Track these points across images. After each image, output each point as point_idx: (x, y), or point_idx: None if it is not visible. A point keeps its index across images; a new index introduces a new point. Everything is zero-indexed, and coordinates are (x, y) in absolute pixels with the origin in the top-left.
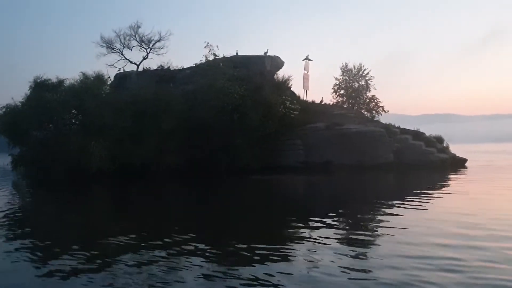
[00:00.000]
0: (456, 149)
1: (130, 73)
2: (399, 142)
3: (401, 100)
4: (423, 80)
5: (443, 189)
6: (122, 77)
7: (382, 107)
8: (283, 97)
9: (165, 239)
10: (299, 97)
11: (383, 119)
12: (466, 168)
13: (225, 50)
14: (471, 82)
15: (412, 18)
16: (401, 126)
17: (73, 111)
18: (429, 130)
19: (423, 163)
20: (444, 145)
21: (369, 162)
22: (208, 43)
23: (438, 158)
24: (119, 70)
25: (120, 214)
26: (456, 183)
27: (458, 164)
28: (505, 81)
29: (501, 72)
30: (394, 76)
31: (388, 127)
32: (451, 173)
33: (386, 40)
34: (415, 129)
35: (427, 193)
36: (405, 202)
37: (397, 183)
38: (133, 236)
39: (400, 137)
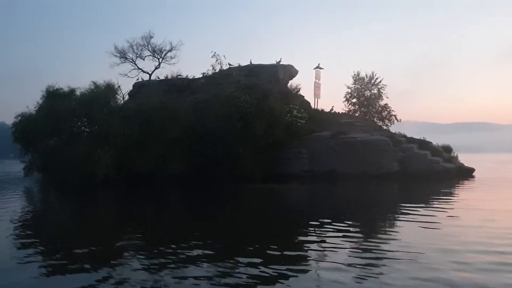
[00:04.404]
0: (485, 159)
1: (148, 82)
2: (404, 151)
3: (433, 108)
4: (457, 87)
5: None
6: (140, 86)
7: (395, 115)
8: (291, 105)
9: (172, 245)
10: (310, 105)
11: (411, 127)
12: (474, 178)
13: (240, 59)
14: (507, 89)
15: (446, 23)
16: (432, 135)
17: (83, 119)
18: (460, 139)
19: (427, 172)
20: (452, 155)
21: (373, 171)
22: (215, 52)
23: (443, 167)
24: (137, 80)
25: (126, 220)
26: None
27: (465, 173)
28: None
29: None
30: (427, 84)
31: (393, 136)
32: (454, 183)
33: (418, 46)
34: (422, 138)
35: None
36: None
37: (391, 194)
38: (139, 241)
39: (405, 146)
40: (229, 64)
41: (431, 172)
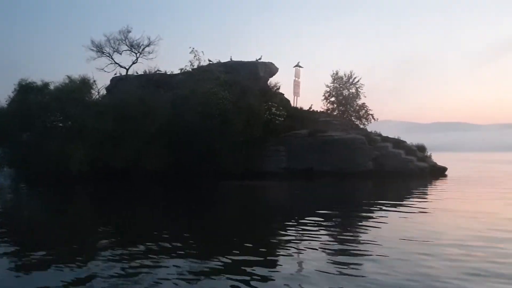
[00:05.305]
0: (464, 158)
1: (126, 76)
2: (379, 150)
3: (413, 108)
4: (436, 88)
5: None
6: (117, 81)
7: (372, 115)
8: (270, 103)
9: (144, 242)
10: (289, 103)
11: (390, 126)
12: (446, 177)
13: (220, 56)
14: (485, 91)
15: (426, 25)
16: (414, 134)
17: (56, 114)
18: (439, 138)
19: (401, 171)
20: (426, 154)
21: (349, 169)
22: (193, 48)
23: (417, 166)
24: (115, 74)
25: (98, 216)
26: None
27: (438, 173)
28: None
29: None
30: (407, 84)
31: (369, 135)
32: (427, 182)
33: (399, 47)
34: (396, 137)
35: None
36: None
37: (364, 192)
38: (110, 237)
39: (380, 145)
40: (209, 60)
41: (405, 170)
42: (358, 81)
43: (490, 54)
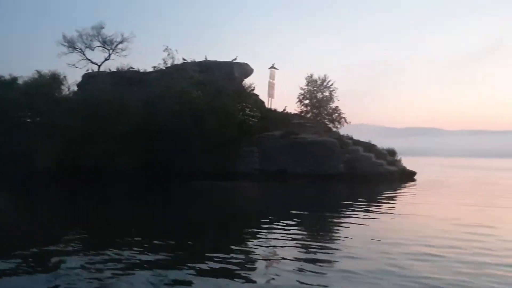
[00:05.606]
0: (434, 162)
1: (98, 73)
2: (350, 153)
3: (387, 112)
4: (410, 93)
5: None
6: (89, 77)
7: (344, 118)
8: (244, 104)
9: (113, 243)
10: (264, 104)
11: (364, 130)
12: (415, 181)
13: (195, 55)
14: (456, 98)
15: (401, 32)
16: (384, 138)
17: (25, 109)
18: (411, 143)
19: (372, 174)
20: (396, 158)
21: (321, 172)
22: (167, 46)
23: (387, 170)
24: (87, 71)
25: (65, 215)
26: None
27: (407, 177)
28: (489, 98)
29: (485, 89)
30: (382, 88)
31: (341, 138)
32: (396, 186)
33: (374, 52)
34: (368, 141)
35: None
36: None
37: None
38: (77, 237)
39: (352, 148)
40: (183, 59)
41: (375, 174)
42: (332, 84)
43: (463, 61)
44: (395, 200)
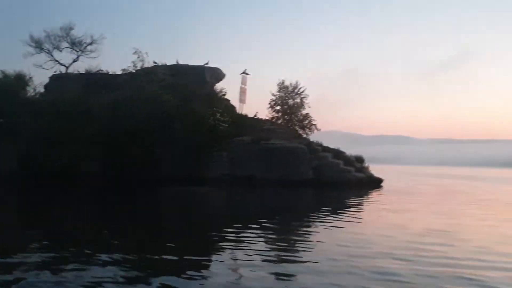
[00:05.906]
0: (401, 170)
1: (66, 75)
2: (319, 160)
3: (357, 120)
4: (380, 101)
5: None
6: (57, 79)
7: (315, 125)
8: (214, 108)
9: (75, 248)
10: (235, 110)
11: (334, 137)
12: (381, 188)
13: (166, 59)
14: (425, 106)
15: (372, 41)
16: (354, 146)
17: None
18: (379, 150)
19: (340, 180)
20: (363, 165)
21: (291, 178)
22: (137, 49)
23: (355, 177)
24: (55, 72)
25: (25, 220)
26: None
27: (374, 184)
28: (457, 108)
29: (455, 98)
30: (351, 95)
31: (311, 144)
32: (363, 193)
33: (344, 58)
34: (337, 148)
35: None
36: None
37: (303, 200)
38: (38, 243)
39: (321, 155)
40: (154, 62)
41: (343, 180)
42: (303, 91)
43: (432, 70)
44: (364, 207)
